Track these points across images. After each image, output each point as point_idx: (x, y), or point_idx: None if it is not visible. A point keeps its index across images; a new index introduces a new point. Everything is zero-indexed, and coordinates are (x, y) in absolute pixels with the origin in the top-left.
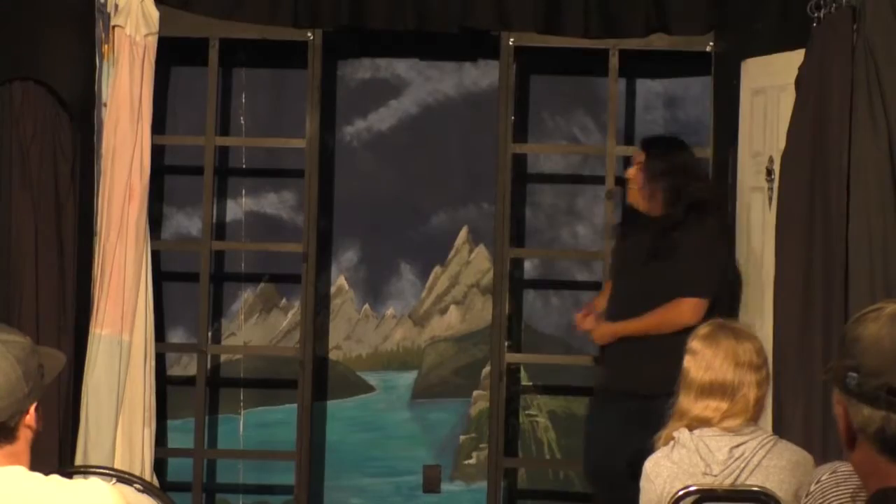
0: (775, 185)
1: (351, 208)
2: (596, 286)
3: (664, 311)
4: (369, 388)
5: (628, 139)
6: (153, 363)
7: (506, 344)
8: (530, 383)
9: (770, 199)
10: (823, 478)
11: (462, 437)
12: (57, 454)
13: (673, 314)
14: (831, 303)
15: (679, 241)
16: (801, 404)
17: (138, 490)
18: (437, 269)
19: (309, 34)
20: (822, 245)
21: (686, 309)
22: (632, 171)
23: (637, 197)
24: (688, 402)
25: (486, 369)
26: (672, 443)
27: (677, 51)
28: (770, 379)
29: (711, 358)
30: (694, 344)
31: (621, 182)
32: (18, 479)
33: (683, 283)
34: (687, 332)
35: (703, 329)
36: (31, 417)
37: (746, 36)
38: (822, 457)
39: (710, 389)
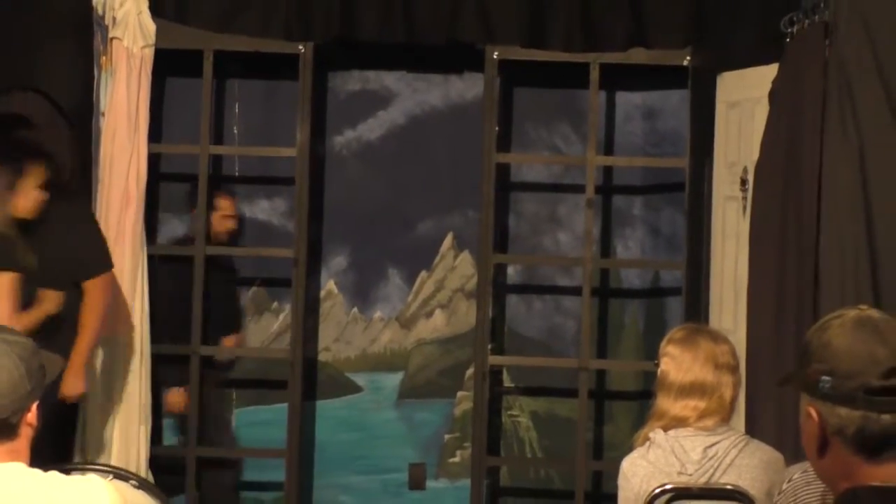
0: (749, 194)
1: (340, 215)
2: (577, 291)
3: (91, 307)
4: (357, 389)
5: (608, 150)
6: (149, 363)
7: (489, 347)
8: (513, 385)
9: (744, 207)
10: (795, 476)
11: (447, 437)
12: (55, 452)
13: (100, 301)
14: (803, 309)
15: (51, 223)
16: (774, 407)
17: (134, 486)
18: (424, 274)
19: (300, 47)
20: (795, 253)
21: (106, 284)
22: None
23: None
24: (667, 403)
25: (470, 371)
26: (648, 443)
27: (656, 65)
28: (742, 381)
29: (692, 361)
30: (669, 348)
31: (601, 191)
32: (18, 476)
33: (90, 262)
34: None
35: (678, 333)
36: (32, 415)
37: (722, 51)
38: (794, 457)
39: (689, 390)
